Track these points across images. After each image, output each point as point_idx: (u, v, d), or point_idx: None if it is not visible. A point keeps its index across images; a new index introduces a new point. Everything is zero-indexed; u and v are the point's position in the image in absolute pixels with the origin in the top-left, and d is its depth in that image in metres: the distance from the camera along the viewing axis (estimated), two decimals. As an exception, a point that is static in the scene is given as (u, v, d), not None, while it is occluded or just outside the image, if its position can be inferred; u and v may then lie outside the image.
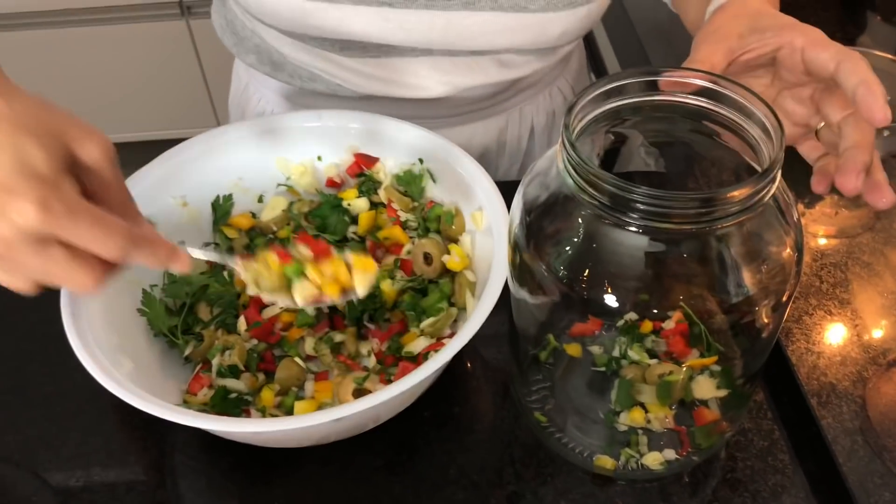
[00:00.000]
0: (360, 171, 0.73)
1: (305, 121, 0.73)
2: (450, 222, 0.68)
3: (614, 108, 0.51)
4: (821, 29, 0.59)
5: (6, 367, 0.69)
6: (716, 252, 0.49)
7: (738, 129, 0.50)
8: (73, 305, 0.58)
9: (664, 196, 0.43)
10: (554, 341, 0.57)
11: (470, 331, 0.56)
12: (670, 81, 0.51)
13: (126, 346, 0.61)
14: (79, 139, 0.45)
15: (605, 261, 0.51)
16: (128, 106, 2.11)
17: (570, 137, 0.47)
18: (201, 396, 0.62)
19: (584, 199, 0.46)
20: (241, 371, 0.64)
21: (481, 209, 0.66)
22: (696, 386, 0.55)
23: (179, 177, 0.70)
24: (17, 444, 0.64)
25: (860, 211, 0.80)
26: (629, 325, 0.51)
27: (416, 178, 0.71)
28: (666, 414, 0.56)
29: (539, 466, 0.62)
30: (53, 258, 0.44)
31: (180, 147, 0.71)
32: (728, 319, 0.51)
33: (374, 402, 0.53)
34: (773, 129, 0.47)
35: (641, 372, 0.55)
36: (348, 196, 0.72)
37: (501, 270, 0.59)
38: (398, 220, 0.71)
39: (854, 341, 0.67)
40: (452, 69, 0.78)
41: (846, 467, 0.59)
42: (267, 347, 0.67)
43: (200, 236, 0.72)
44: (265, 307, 0.68)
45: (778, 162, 0.45)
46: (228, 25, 0.85)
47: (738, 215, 0.45)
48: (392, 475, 0.61)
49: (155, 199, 0.69)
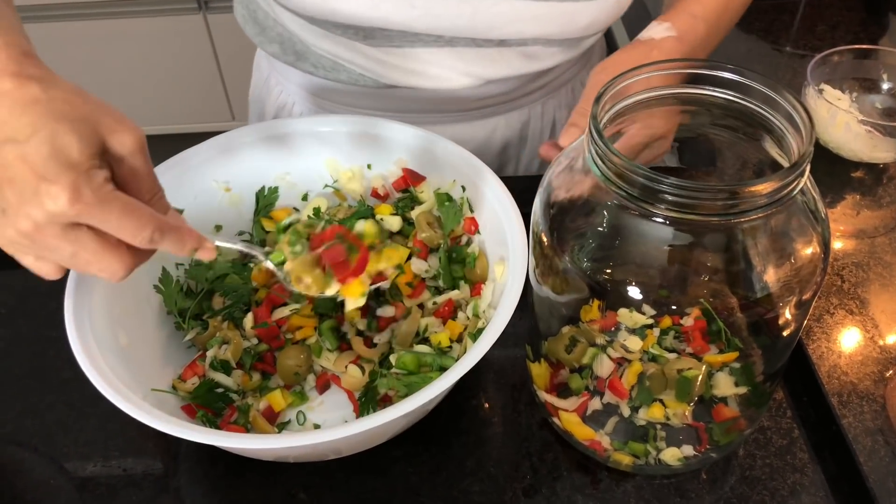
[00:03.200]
0: (406, 186, 0.72)
1: (362, 126, 0.71)
2: (472, 265, 0.67)
3: (640, 100, 0.51)
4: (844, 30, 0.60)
5: (26, 352, 0.70)
6: (741, 246, 0.49)
7: (765, 122, 0.50)
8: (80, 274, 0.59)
9: (692, 187, 0.43)
10: (575, 336, 0.57)
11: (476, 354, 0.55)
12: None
13: (128, 321, 0.61)
14: (112, 128, 0.45)
15: (629, 253, 0.50)
16: (144, 99, 2.12)
17: (598, 127, 0.46)
18: (189, 384, 0.62)
19: (612, 188, 0.46)
20: (233, 368, 0.64)
21: (503, 260, 0.63)
22: (716, 382, 0.55)
23: (228, 162, 0.70)
24: (35, 429, 0.64)
25: (882, 211, 0.79)
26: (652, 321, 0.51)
27: (455, 206, 0.69)
28: (685, 410, 0.56)
29: (555, 460, 0.62)
30: (83, 244, 0.45)
31: (234, 132, 0.71)
32: (750, 316, 0.51)
33: (368, 425, 0.51)
34: (801, 121, 0.47)
35: (661, 367, 0.54)
36: (382, 211, 0.71)
37: (512, 300, 0.57)
38: (423, 252, 0.69)
39: (875, 341, 0.67)
40: (476, 60, 0.78)
41: (867, 467, 0.58)
42: (268, 349, 0.66)
43: (239, 223, 0.73)
44: (277, 307, 0.67)
45: (807, 156, 0.45)
46: (251, 16, 0.85)
47: (765, 209, 0.45)
48: (409, 466, 0.61)
49: (198, 179, 0.69)
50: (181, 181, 0.68)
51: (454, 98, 0.82)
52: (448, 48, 0.77)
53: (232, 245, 0.56)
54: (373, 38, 0.76)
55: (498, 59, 0.78)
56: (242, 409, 0.62)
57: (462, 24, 0.73)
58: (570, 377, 0.59)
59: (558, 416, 0.60)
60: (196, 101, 2.14)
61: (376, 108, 0.84)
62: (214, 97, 2.13)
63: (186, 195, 0.68)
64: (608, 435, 0.59)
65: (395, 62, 0.78)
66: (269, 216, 0.72)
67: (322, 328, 0.66)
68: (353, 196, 0.74)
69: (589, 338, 0.55)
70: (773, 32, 1.04)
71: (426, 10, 0.72)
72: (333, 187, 0.74)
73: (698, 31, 0.72)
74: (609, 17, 0.77)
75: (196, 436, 0.51)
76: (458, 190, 0.69)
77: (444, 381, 0.54)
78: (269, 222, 0.72)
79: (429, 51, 0.77)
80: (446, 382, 0.53)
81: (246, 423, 0.61)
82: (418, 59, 0.77)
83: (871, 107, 0.86)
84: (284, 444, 0.52)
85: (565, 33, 0.77)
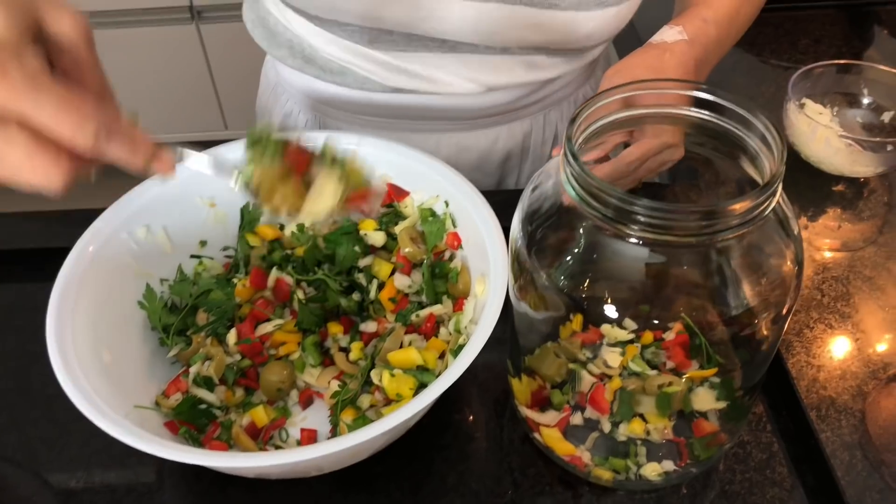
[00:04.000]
0: (390, 201, 0.72)
1: (346, 143, 0.71)
2: (455, 280, 0.68)
3: (617, 119, 0.52)
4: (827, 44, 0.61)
5: (10, 367, 0.70)
6: (716, 264, 0.49)
7: (739, 141, 0.51)
8: (66, 284, 0.60)
9: (665, 209, 0.44)
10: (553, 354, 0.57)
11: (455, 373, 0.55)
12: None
13: (111, 337, 0.61)
14: (50, 10, 0.40)
15: (605, 271, 0.51)
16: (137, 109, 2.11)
17: (573, 149, 0.47)
18: (172, 401, 0.62)
19: (586, 210, 0.47)
20: (216, 384, 0.64)
21: (485, 276, 0.63)
22: (696, 397, 0.56)
23: (213, 178, 0.70)
24: (19, 444, 0.65)
25: (863, 225, 0.80)
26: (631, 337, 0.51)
27: (438, 221, 0.69)
28: (665, 425, 0.57)
29: (537, 475, 0.62)
30: (12, 140, 0.39)
31: (217, 149, 0.70)
32: (728, 331, 0.52)
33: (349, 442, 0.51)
34: (773, 141, 0.47)
35: (642, 383, 0.55)
36: (366, 227, 0.71)
37: (492, 316, 0.58)
38: (406, 267, 0.69)
39: (854, 355, 0.67)
40: (480, 67, 0.79)
41: (844, 481, 0.59)
42: (251, 365, 0.66)
43: (224, 238, 0.73)
44: (260, 323, 0.68)
45: (779, 175, 0.46)
46: (260, 21, 0.86)
47: (739, 228, 0.45)
48: (391, 482, 0.62)
49: (183, 196, 0.70)
50: (166, 198, 0.68)
51: (457, 107, 0.83)
52: (452, 54, 0.78)
53: (195, 160, 0.49)
54: (378, 42, 0.77)
55: (501, 67, 0.79)
56: (225, 425, 0.62)
57: (466, 29, 0.74)
58: (552, 392, 0.59)
59: (539, 431, 0.61)
60: (189, 111, 2.14)
61: (380, 116, 0.85)
62: (207, 107, 2.14)
63: (172, 212, 0.69)
64: (588, 451, 0.59)
65: (400, 65, 0.79)
66: (255, 231, 0.73)
67: (305, 343, 0.67)
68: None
69: (569, 354, 0.56)
70: (758, 45, 1.05)
71: (430, 12, 0.73)
72: None
73: (710, 35, 0.72)
74: (611, 28, 0.78)
75: (176, 455, 0.51)
76: (442, 205, 0.69)
77: (425, 398, 0.54)
78: (255, 238, 0.72)
79: (433, 56, 0.78)
80: (427, 399, 0.54)
81: (229, 440, 0.62)
82: (422, 63, 0.79)
83: (853, 121, 0.87)
84: (264, 462, 0.52)
85: (566, 43, 0.78)
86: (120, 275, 0.65)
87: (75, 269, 0.62)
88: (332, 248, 0.70)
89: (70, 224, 0.67)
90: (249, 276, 0.69)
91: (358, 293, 0.70)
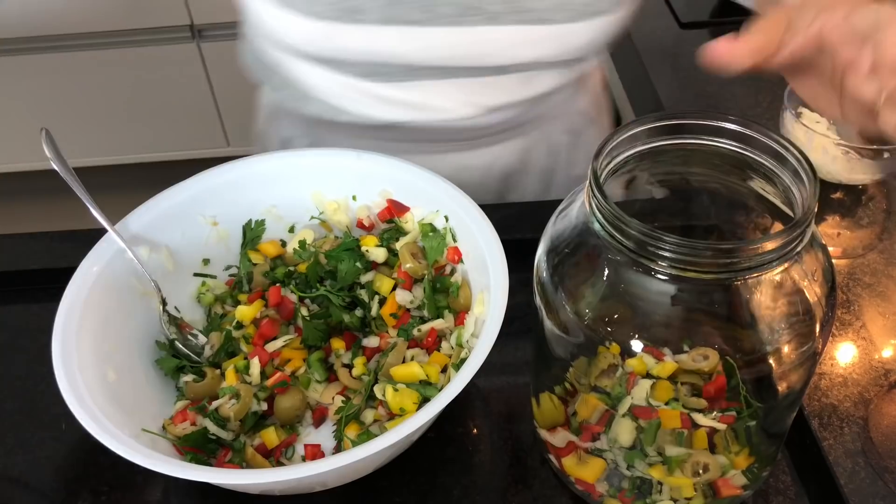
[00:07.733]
0: (391, 217, 0.72)
1: (345, 158, 0.72)
2: (456, 295, 0.68)
3: (643, 150, 0.51)
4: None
5: (17, 388, 0.70)
6: (744, 301, 0.48)
7: (771, 174, 0.49)
8: (71, 304, 0.61)
9: (693, 245, 0.43)
10: (576, 385, 0.55)
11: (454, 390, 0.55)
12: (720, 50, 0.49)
13: (116, 356, 0.62)
14: None
15: (630, 306, 0.49)
16: (139, 127, 2.14)
17: (599, 182, 0.46)
18: (180, 429, 0.61)
19: (612, 244, 0.46)
20: (229, 421, 0.63)
21: (485, 290, 0.63)
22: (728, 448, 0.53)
23: (214, 196, 0.71)
24: (26, 465, 0.65)
25: (862, 232, 0.80)
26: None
27: (439, 236, 0.70)
28: (687, 485, 0.54)
29: (542, 488, 0.62)
30: None
31: (219, 168, 0.72)
32: (754, 371, 0.50)
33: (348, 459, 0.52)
34: (806, 176, 0.46)
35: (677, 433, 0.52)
36: (368, 243, 0.71)
37: (493, 330, 0.58)
38: (407, 282, 0.69)
39: (856, 362, 0.67)
40: (476, 89, 0.79)
41: (847, 489, 0.59)
42: (269, 396, 0.64)
43: (227, 257, 0.74)
44: (269, 341, 0.67)
45: (812, 212, 0.44)
46: (257, 60, 0.87)
47: (769, 266, 0.44)
48: (396, 496, 0.62)
49: (186, 215, 0.70)
50: (168, 218, 0.69)
51: (456, 128, 0.83)
52: (449, 80, 0.78)
53: None
54: (374, 76, 0.78)
55: (496, 86, 0.80)
56: (237, 448, 0.62)
57: (460, 53, 0.75)
58: (571, 419, 0.58)
59: (556, 454, 0.60)
60: (191, 129, 2.16)
61: (378, 139, 0.85)
62: (209, 125, 2.15)
63: (174, 231, 0.70)
64: (605, 481, 0.58)
65: (398, 97, 0.79)
66: (257, 249, 0.73)
67: (311, 360, 0.67)
68: (339, 227, 0.75)
69: (591, 386, 0.53)
70: (755, 55, 1.06)
71: (425, 43, 0.73)
72: (320, 219, 0.75)
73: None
74: (605, 37, 0.78)
75: (184, 472, 0.52)
76: (441, 220, 0.70)
77: (428, 412, 0.54)
78: (257, 255, 0.73)
79: (430, 83, 0.78)
80: (430, 413, 0.54)
81: (241, 462, 0.62)
82: (420, 92, 0.79)
83: (850, 129, 0.88)
84: (269, 478, 0.52)
85: (561, 55, 0.78)
86: (124, 294, 0.66)
87: (80, 290, 0.62)
88: (334, 265, 0.71)
89: (75, 243, 0.68)
90: (269, 296, 0.69)
91: (360, 309, 0.70)
